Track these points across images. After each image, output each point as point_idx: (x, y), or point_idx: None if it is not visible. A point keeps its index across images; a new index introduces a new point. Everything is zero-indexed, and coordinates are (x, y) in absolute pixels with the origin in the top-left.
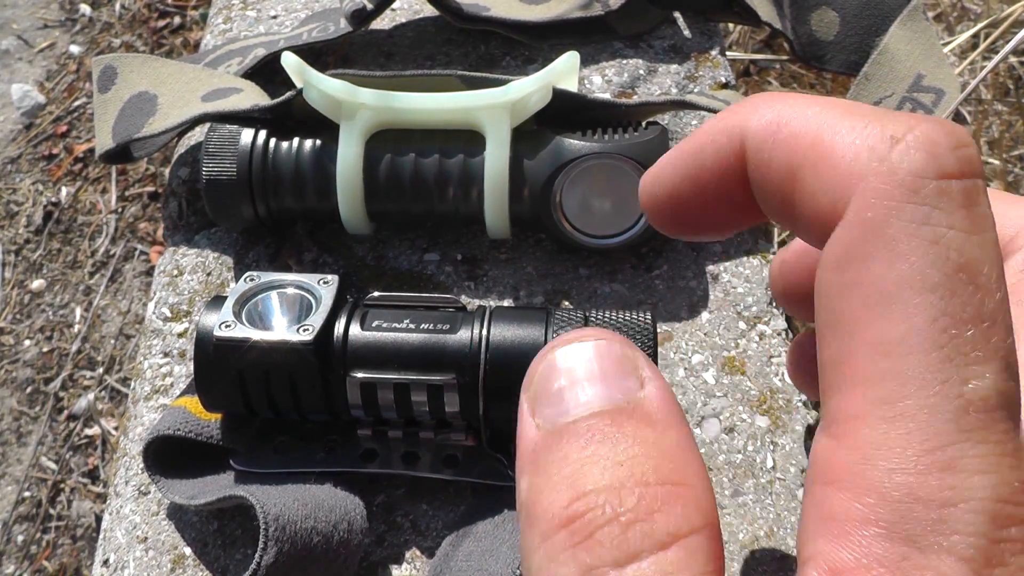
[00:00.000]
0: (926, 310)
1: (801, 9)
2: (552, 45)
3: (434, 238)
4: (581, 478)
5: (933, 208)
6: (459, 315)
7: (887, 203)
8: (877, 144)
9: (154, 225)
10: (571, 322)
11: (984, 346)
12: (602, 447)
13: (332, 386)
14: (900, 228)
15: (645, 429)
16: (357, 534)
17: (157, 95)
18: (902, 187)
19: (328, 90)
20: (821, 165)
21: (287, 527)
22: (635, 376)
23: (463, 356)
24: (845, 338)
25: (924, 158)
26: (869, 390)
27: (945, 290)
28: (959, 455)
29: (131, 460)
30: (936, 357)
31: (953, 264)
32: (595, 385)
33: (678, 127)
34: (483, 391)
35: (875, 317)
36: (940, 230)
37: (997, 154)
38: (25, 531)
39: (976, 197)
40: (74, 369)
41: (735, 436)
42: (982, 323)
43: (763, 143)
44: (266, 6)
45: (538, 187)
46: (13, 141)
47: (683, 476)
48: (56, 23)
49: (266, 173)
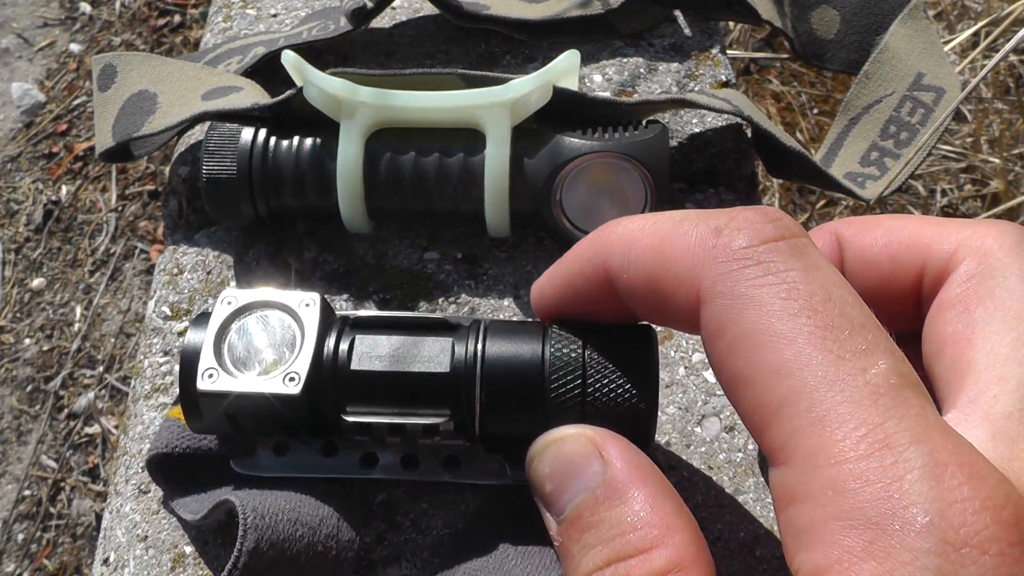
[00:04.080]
0: (801, 329)
1: (801, 7)
2: (552, 43)
3: (434, 236)
4: (580, 569)
5: (768, 263)
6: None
7: (730, 274)
8: (706, 238)
9: (154, 224)
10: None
11: (865, 341)
12: (590, 536)
13: (325, 422)
14: (748, 285)
15: (615, 507)
16: (347, 531)
17: (157, 94)
18: (736, 259)
19: (328, 88)
20: (669, 271)
21: (267, 516)
22: (597, 460)
23: (458, 389)
24: (751, 386)
25: (746, 235)
26: (789, 410)
27: (809, 311)
28: (890, 432)
29: (131, 459)
30: (829, 359)
31: (804, 292)
32: (571, 482)
33: (679, 125)
34: (479, 421)
35: (764, 354)
36: (782, 274)
37: (997, 153)
38: (25, 530)
39: (804, 249)
40: (74, 368)
41: (735, 435)
42: (853, 325)
43: (621, 267)
44: (266, 4)
45: (538, 185)
46: (13, 140)
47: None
48: (56, 21)
49: (266, 171)
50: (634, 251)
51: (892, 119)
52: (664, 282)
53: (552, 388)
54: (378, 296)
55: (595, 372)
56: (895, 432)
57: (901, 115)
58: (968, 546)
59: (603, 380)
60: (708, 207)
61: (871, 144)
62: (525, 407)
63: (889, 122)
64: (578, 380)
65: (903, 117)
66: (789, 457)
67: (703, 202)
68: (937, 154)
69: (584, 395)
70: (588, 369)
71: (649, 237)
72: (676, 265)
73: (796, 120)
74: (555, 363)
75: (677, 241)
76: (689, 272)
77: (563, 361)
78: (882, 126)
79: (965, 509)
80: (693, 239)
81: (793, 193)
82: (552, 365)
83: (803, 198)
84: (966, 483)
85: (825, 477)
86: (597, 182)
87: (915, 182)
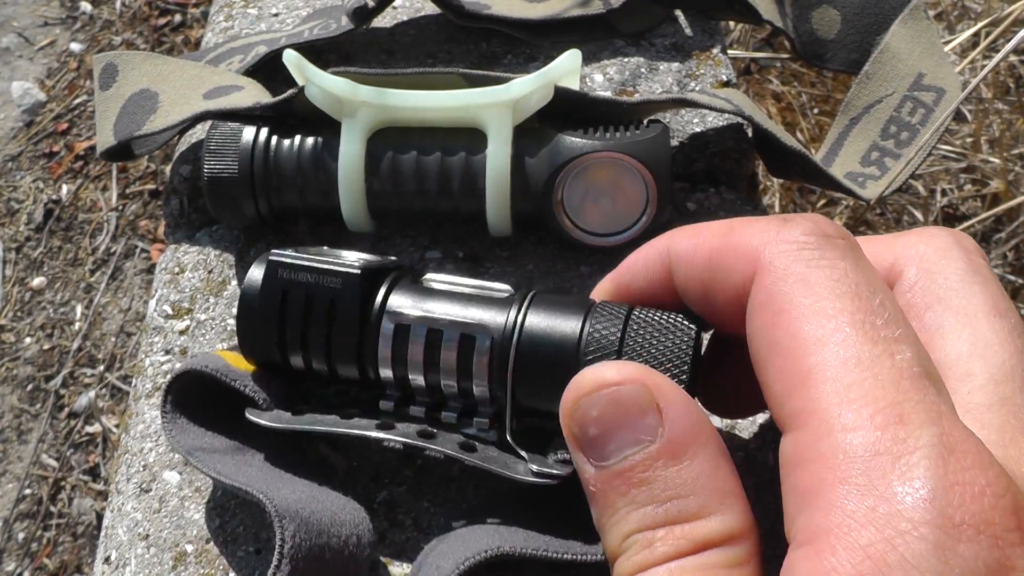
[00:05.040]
0: (844, 309)
1: (802, 7)
2: (554, 43)
3: (435, 235)
4: (623, 525)
5: (825, 250)
6: (502, 299)
7: (788, 253)
8: (772, 225)
9: (155, 223)
10: (612, 317)
11: (896, 330)
12: (640, 492)
13: (367, 333)
14: (803, 265)
15: (671, 466)
16: (365, 548)
17: (158, 93)
18: (797, 243)
19: (330, 88)
20: (733, 245)
21: (302, 544)
22: (653, 412)
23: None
24: (785, 353)
25: (810, 226)
26: (816, 378)
27: (853, 296)
28: (906, 411)
29: (132, 457)
30: (865, 338)
31: (852, 281)
32: (621, 432)
33: (680, 125)
34: (511, 390)
35: (804, 325)
36: (835, 262)
37: (997, 153)
38: (26, 529)
39: (855, 250)
40: (75, 367)
41: (736, 434)
42: (888, 318)
43: (686, 249)
44: (267, 4)
45: (540, 185)
46: (14, 139)
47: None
48: (57, 21)
49: (268, 170)
50: (703, 232)
51: (893, 119)
52: (726, 256)
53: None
54: None
55: (631, 354)
56: (911, 412)
57: (902, 115)
58: (966, 524)
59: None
60: (709, 207)
61: (871, 144)
62: (556, 383)
63: (890, 122)
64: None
65: (903, 117)
66: (806, 421)
67: (704, 202)
68: (937, 154)
69: None
70: (625, 351)
71: (719, 224)
72: (742, 241)
73: (796, 120)
74: (592, 343)
75: (746, 225)
76: (752, 248)
77: (600, 341)
78: (883, 126)
79: (966, 491)
80: (762, 224)
81: (793, 193)
82: (588, 344)
83: (803, 198)
84: (970, 468)
85: (839, 441)
86: (598, 181)
87: (915, 182)
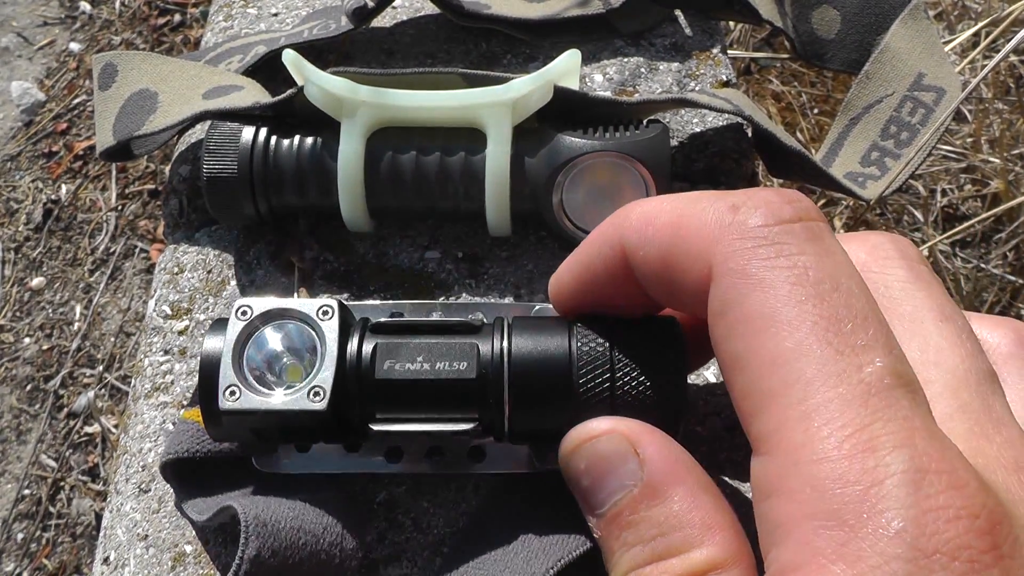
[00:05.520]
0: (805, 318)
1: (802, 7)
2: (553, 43)
3: (435, 235)
4: (619, 567)
5: (782, 244)
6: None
7: (743, 252)
8: (723, 215)
9: (154, 223)
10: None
11: (865, 336)
12: (629, 534)
13: (351, 428)
14: (760, 265)
15: (654, 506)
16: (351, 539)
17: (158, 92)
18: (751, 238)
19: (329, 88)
20: (684, 246)
21: (269, 523)
22: (632, 458)
23: (485, 389)
24: (747, 370)
25: (763, 214)
26: (780, 400)
27: (815, 299)
28: (875, 434)
29: (131, 457)
30: (828, 352)
31: (813, 278)
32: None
33: (679, 125)
34: (509, 420)
35: (764, 340)
36: (793, 258)
37: (997, 153)
38: (25, 529)
39: (820, 232)
40: (74, 367)
41: (736, 434)
42: (856, 318)
43: (637, 244)
44: (267, 3)
45: (539, 185)
46: (13, 139)
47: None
48: (56, 20)
49: (267, 170)
50: (651, 228)
51: (893, 119)
52: (678, 259)
53: (581, 383)
54: (379, 296)
55: (623, 365)
56: (880, 435)
57: (902, 115)
58: (939, 552)
59: (632, 373)
60: None
61: (871, 144)
62: (554, 403)
63: (890, 122)
64: (607, 374)
65: (903, 117)
66: (773, 448)
67: None
68: (937, 154)
69: (613, 388)
70: (616, 362)
71: (667, 214)
72: (691, 241)
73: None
74: (582, 357)
75: (694, 217)
76: (703, 249)
77: (591, 356)
78: (882, 126)
79: (939, 517)
80: (710, 216)
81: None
82: (580, 360)
83: None
84: (943, 491)
85: (805, 474)
86: (598, 181)
87: (915, 182)
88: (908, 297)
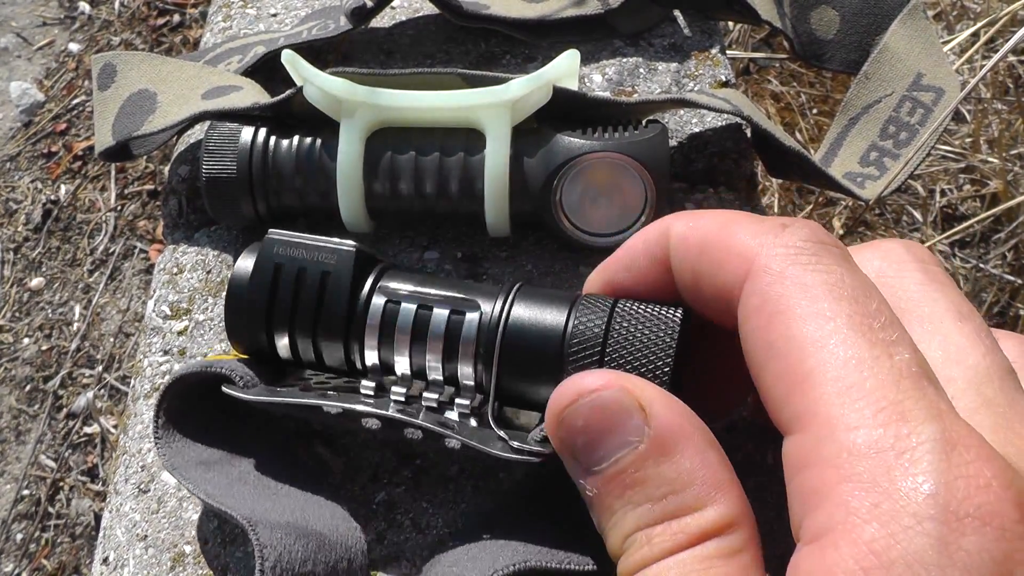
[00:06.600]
0: (841, 311)
1: (801, 7)
2: (552, 43)
3: (434, 236)
4: (623, 526)
5: (820, 256)
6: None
7: (785, 256)
8: (770, 228)
9: (153, 223)
10: (597, 310)
11: (892, 333)
12: (635, 493)
13: (357, 309)
14: (800, 268)
15: (662, 463)
16: (356, 572)
17: (157, 93)
18: (795, 248)
19: (328, 88)
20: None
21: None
22: (637, 412)
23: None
24: (783, 356)
25: (808, 232)
26: (816, 379)
27: (850, 299)
28: (907, 408)
29: (131, 458)
30: (864, 340)
31: (848, 285)
32: (609, 436)
33: (678, 125)
34: (495, 381)
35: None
36: (831, 267)
37: (996, 153)
38: (24, 529)
39: (849, 258)
40: (73, 367)
41: (735, 434)
42: (884, 322)
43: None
44: (266, 4)
45: (538, 185)
46: (12, 139)
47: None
48: (55, 21)
49: (266, 171)
50: (701, 219)
51: (891, 119)
52: (718, 249)
53: (570, 359)
54: None
55: (615, 345)
56: (912, 409)
57: (900, 115)
58: (970, 517)
59: (622, 353)
60: (708, 207)
61: (870, 144)
62: (540, 375)
63: (888, 122)
64: (596, 353)
65: (902, 117)
66: (808, 424)
67: (703, 202)
68: (936, 154)
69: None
70: (609, 341)
71: (719, 214)
72: (739, 238)
73: (795, 120)
74: (576, 334)
75: (744, 223)
76: (748, 247)
77: (585, 333)
78: (881, 126)
79: (971, 484)
80: (760, 226)
81: (792, 193)
82: (572, 336)
83: (802, 198)
84: (973, 461)
85: (841, 441)
86: (597, 182)
87: (914, 182)
88: (926, 299)
